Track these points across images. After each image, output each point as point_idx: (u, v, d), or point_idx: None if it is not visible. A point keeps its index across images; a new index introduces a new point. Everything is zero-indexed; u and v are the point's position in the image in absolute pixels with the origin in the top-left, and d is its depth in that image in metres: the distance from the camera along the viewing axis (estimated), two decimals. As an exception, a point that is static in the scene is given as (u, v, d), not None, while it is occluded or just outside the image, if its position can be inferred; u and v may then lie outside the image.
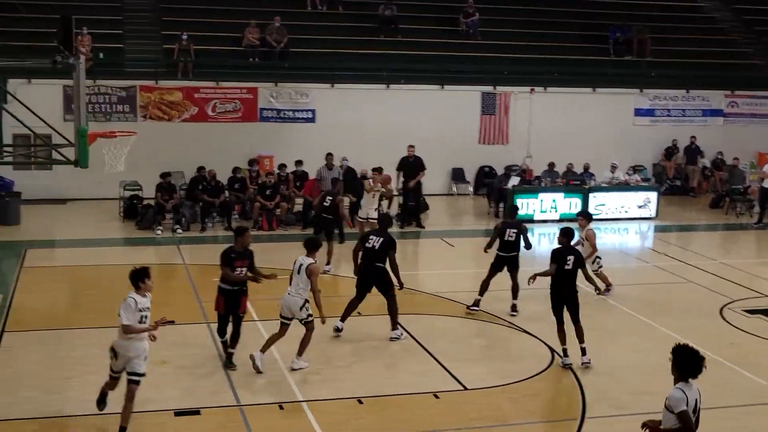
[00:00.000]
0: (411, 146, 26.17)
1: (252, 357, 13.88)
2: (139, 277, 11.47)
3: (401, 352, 15.24)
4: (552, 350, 15.35)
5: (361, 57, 31.48)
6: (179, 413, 12.49)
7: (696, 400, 8.66)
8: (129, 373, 11.43)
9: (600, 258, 18.67)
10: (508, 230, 17.41)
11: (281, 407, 12.73)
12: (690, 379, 8.64)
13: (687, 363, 8.64)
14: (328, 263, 20.16)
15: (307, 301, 13.94)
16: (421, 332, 16.10)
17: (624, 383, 14.04)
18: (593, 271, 17.56)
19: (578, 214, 19.74)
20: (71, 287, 19.44)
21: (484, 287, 17.39)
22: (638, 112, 32.96)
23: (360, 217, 22.59)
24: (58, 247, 23.12)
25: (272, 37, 30.22)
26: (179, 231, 23.97)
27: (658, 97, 33.13)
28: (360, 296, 15.83)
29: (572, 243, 15.59)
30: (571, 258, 14.64)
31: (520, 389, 13.76)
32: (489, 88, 31.27)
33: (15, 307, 17.24)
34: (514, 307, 17.39)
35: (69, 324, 16.38)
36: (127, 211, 25.57)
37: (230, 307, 13.99)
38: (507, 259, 17.42)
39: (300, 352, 14.07)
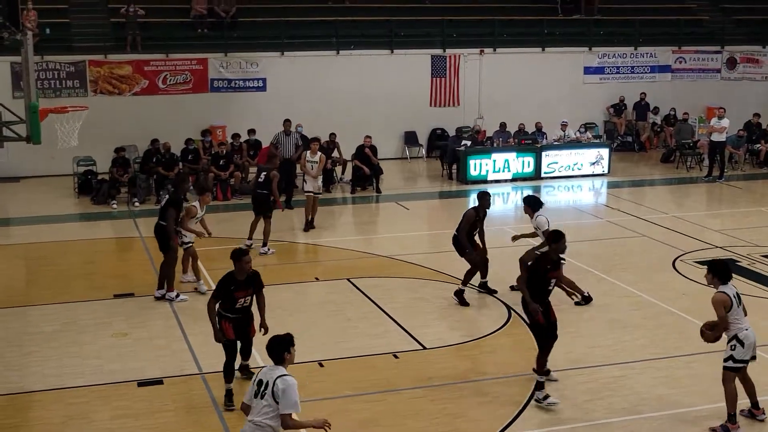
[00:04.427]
0: (368, 136, 26.38)
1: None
2: None
3: (360, 316, 15.41)
4: (509, 308, 15.64)
5: (310, 24, 31.35)
6: (142, 383, 12.60)
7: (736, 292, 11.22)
8: None
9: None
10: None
11: (243, 374, 12.87)
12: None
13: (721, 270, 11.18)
14: (264, 244, 19.14)
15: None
16: (379, 294, 16.31)
17: (580, 337, 14.35)
18: None
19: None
20: (28, 264, 19.36)
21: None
22: (587, 71, 33.20)
23: (308, 191, 21.24)
24: (14, 225, 22.96)
25: (220, 7, 30.04)
26: (136, 204, 23.93)
27: (607, 54, 33.40)
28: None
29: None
30: None
31: (478, 347, 14.03)
32: (438, 51, 31.34)
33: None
34: (461, 293, 16.16)
35: (28, 301, 16.35)
36: (82, 187, 25.41)
37: (239, 333, 12.06)
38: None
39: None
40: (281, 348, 8.62)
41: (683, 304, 15.77)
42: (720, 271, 11.21)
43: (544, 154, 27.60)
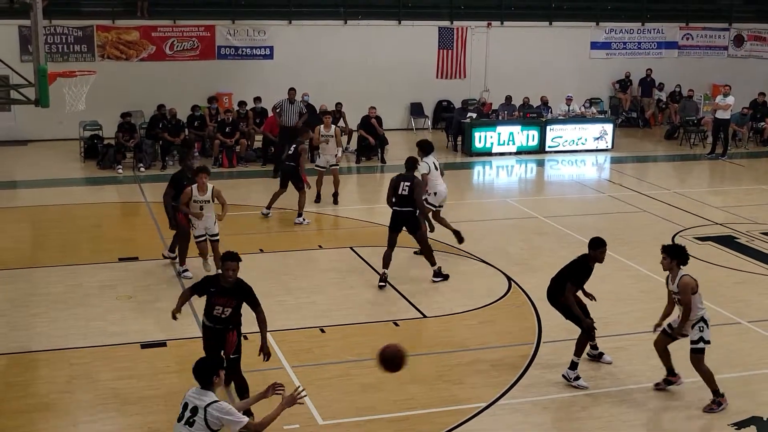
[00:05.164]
0: (372, 107, 26.40)
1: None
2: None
3: (362, 283, 15.59)
4: (509, 279, 15.81)
5: (318, -7, 31.43)
6: (145, 346, 12.82)
7: None
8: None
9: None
10: (402, 183, 15.49)
11: (245, 337, 12.98)
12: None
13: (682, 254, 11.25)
14: (299, 215, 19.10)
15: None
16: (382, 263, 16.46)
17: (578, 308, 14.52)
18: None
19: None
20: (35, 227, 19.56)
21: (386, 259, 15.55)
22: (594, 45, 33.22)
23: (318, 166, 21.11)
24: (21, 188, 23.11)
25: (228, -27, 30.09)
26: (142, 169, 24.08)
27: (614, 30, 33.39)
28: None
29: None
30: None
31: (477, 316, 14.21)
32: (446, 23, 31.38)
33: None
34: (437, 272, 15.78)
35: (35, 263, 16.56)
36: (88, 151, 25.58)
37: (215, 347, 10.62)
38: (401, 215, 15.53)
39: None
40: (211, 372, 8.08)
41: (681, 279, 15.92)
42: (681, 254, 11.28)
43: (548, 128, 27.70)
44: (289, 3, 30.06)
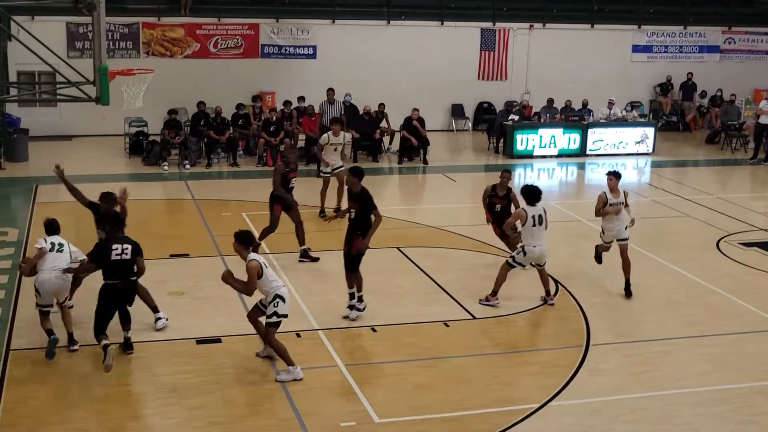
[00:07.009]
0: (415, 109, 26.54)
1: None
2: None
3: (411, 284, 15.73)
4: (557, 282, 15.90)
5: (361, -7, 31.64)
6: (201, 341, 13.03)
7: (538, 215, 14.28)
8: None
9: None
10: None
11: (298, 335, 13.24)
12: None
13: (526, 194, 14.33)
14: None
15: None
16: (430, 264, 16.63)
17: (626, 312, 14.64)
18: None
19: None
20: (82, 222, 19.62)
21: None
22: (636, 49, 33.23)
23: (323, 172, 19.99)
24: (68, 183, 23.42)
25: (272, -28, 30.32)
26: (187, 166, 24.35)
27: (656, 33, 33.38)
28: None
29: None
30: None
31: (526, 318, 14.34)
32: (488, 24, 31.48)
33: (33, 241, 17.63)
34: (304, 252, 16.70)
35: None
36: (133, 147, 25.90)
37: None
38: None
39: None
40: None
41: (727, 284, 15.97)
42: (525, 194, 14.44)
43: (590, 131, 27.76)
44: (333, 2, 30.29)
